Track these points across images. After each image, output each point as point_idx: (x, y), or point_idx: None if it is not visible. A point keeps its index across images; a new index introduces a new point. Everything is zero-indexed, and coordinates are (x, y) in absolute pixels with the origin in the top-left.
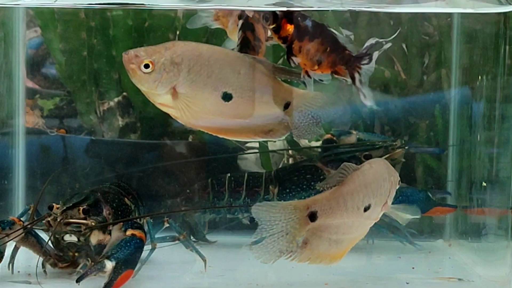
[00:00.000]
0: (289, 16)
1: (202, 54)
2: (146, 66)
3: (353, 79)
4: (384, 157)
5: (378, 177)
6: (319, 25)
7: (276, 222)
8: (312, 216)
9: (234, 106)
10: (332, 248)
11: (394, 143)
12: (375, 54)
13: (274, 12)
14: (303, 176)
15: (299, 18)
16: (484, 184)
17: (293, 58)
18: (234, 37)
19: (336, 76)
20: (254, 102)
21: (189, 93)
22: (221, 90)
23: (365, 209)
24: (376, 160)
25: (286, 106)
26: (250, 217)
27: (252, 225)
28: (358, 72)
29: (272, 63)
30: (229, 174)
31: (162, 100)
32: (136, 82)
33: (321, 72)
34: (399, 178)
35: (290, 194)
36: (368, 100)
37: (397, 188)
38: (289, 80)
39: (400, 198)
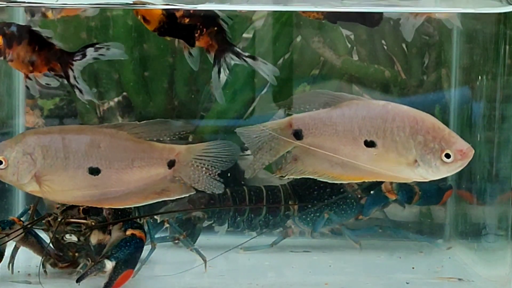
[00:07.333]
0: None
1: (55, 138)
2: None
3: (67, 76)
4: None
5: (388, 119)
6: (24, 27)
7: (260, 140)
8: (297, 134)
9: (106, 178)
10: (336, 169)
11: None
12: (90, 51)
13: None
14: (323, 190)
15: (4, 27)
16: None
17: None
18: None
19: (54, 74)
20: (125, 169)
21: (52, 177)
22: (86, 166)
23: (368, 145)
24: (396, 104)
25: (171, 164)
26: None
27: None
28: (71, 69)
29: (136, 124)
30: (247, 188)
31: (30, 188)
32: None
33: (39, 73)
34: (439, 145)
35: (312, 209)
36: (86, 95)
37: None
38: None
39: (421, 193)
